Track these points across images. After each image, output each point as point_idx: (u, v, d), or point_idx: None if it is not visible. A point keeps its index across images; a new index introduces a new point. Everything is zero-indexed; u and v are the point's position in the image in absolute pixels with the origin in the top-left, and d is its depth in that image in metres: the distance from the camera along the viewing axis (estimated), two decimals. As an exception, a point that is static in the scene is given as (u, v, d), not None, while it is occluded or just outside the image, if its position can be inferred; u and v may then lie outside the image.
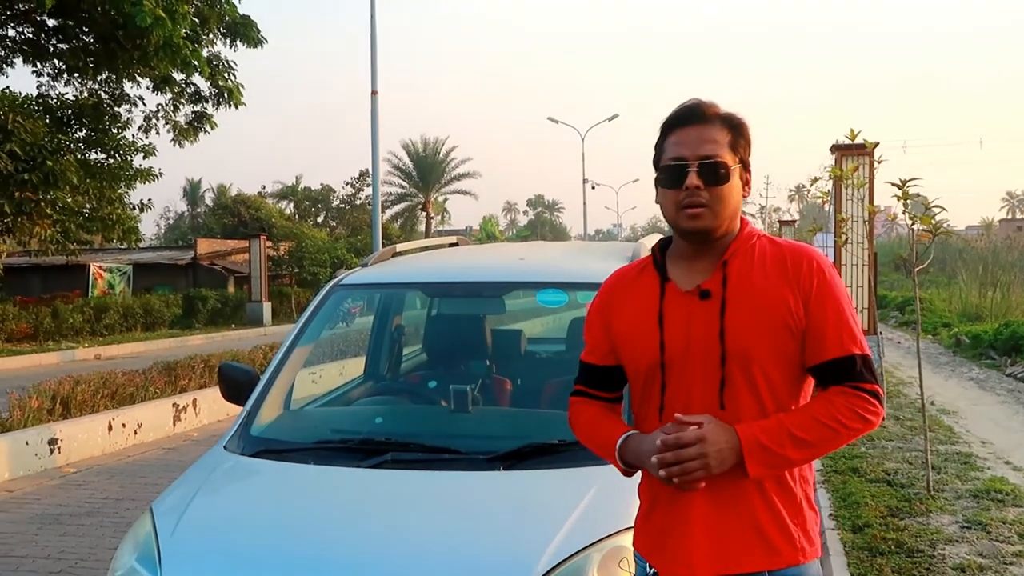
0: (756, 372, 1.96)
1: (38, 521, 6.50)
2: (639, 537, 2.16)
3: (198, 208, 78.17)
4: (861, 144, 8.44)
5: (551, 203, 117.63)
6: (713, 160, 1.98)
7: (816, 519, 2.08)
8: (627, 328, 2.10)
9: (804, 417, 1.93)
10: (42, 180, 16.39)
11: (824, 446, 1.95)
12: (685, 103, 2.06)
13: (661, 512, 2.06)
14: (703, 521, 1.97)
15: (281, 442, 3.51)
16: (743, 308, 1.97)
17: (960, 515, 5.58)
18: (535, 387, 4.30)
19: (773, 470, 1.94)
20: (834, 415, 1.92)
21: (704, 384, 1.98)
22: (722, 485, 1.94)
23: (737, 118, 2.06)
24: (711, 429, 1.89)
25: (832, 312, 1.97)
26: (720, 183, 1.98)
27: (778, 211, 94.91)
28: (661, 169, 2.04)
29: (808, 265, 1.99)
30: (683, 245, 2.09)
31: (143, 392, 10.29)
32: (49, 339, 22.26)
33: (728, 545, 1.96)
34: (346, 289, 4.26)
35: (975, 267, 23.95)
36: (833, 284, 2.00)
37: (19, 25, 18.35)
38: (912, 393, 10.54)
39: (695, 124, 2.01)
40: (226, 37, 18.41)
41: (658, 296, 2.06)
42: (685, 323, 2.01)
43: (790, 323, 1.96)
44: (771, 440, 1.90)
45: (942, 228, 6.44)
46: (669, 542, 2.03)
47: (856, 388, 1.95)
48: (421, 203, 55.60)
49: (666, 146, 2.04)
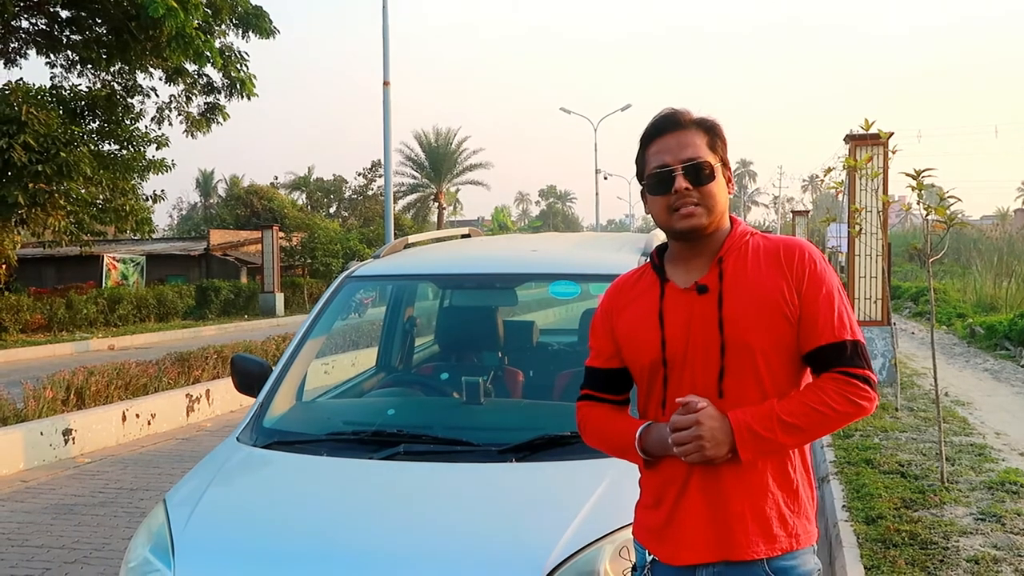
0: (758, 360, 2.02)
1: (53, 511, 6.54)
2: (639, 526, 2.21)
3: (211, 199, 78.39)
4: (875, 134, 8.37)
5: (563, 193, 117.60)
6: (696, 161, 2.06)
7: (812, 506, 2.13)
8: (630, 329, 2.16)
9: (794, 403, 1.99)
10: (56, 171, 16.47)
11: (815, 431, 2.00)
12: (659, 114, 2.15)
13: (662, 501, 2.10)
14: (702, 509, 2.03)
15: (294, 434, 3.51)
16: (740, 299, 2.04)
17: (974, 507, 5.55)
18: (547, 379, 4.30)
19: (765, 455, 2.00)
20: (824, 400, 1.98)
21: (704, 375, 2.04)
22: (722, 474, 2.01)
23: (710, 120, 2.15)
24: (707, 412, 1.96)
25: (824, 300, 2.04)
26: (706, 182, 2.06)
27: (791, 201, 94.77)
28: (648, 178, 2.12)
29: (800, 255, 2.07)
30: (678, 247, 2.15)
31: (156, 383, 10.36)
32: (63, 330, 22.39)
33: (728, 532, 2.02)
34: (358, 280, 4.26)
35: (990, 257, 23.84)
36: (825, 273, 2.07)
37: (33, 17, 18.42)
38: (926, 384, 10.50)
39: (673, 132, 2.10)
40: (238, 28, 18.44)
41: (658, 296, 2.13)
42: (685, 319, 2.07)
43: (786, 312, 2.02)
44: (761, 425, 1.96)
45: (957, 218, 6.39)
46: (669, 530, 2.08)
47: (847, 374, 2.00)
48: (433, 194, 55.63)
49: (648, 157, 2.13)
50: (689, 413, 1.96)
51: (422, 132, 55.65)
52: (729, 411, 1.98)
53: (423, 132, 55.64)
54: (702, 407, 1.96)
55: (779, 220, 76.26)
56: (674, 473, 2.06)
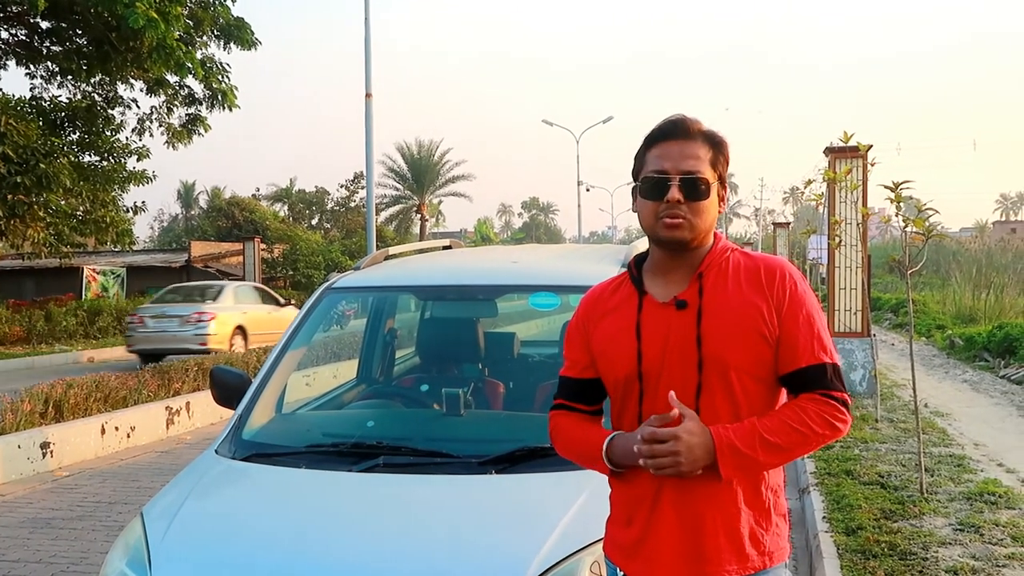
0: (733, 378, 2.01)
1: (30, 525, 6.47)
2: (610, 542, 2.20)
3: (192, 211, 78.13)
4: (855, 146, 8.45)
5: (546, 205, 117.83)
6: (695, 176, 2.03)
7: (785, 524, 2.13)
8: (605, 341, 2.14)
9: (776, 422, 1.97)
10: (35, 183, 16.33)
11: (794, 451, 1.99)
12: (670, 117, 2.10)
13: (633, 518, 2.09)
14: (676, 527, 2.02)
15: (273, 446, 3.49)
16: (719, 316, 2.02)
17: (953, 517, 5.58)
18: (528, 390, 4.29)
19: (744, 472, 1.98)
20: (805, 421, 1.97)
21: (681, 391, 2.00)
22: (695, 491, 1.99)
23: (719, 136, 2.11)
24: (687, 427, 1.92)
25: (804, 321, 2.03)
26: (700, 198, 2.03)
27: (772, 213, 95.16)
28: (643, 180, 2.08)
29: (781, 276, 2.05)
30: (659, 258, 2.13)
31: (136, 395, 10.26)
32: (42, 342, 22.20)
33: (701, 551, 2.00)
34: (339, 292, 4.25)
35: (969, 269, 23.99)
36: (805, 295, 2.06)
37: (12, 27, 18.29)
38: (905, 395, 10.56)
39: (678, 139, 2.06)
40: (220, 39, 18.35)
41: (635, 309, 2.10)
42: (662, 333, 2.05)
43: (764, 331, 2.01)
44: (743, 443, 1.94)
45: (935, 230, 6.44)
46: (642, 548, 2.06)
47: (827, 396, 2.00)
48: (416, 205, 55.54)
49: (648, 158, 2.09)
50: (667, 425, 1.93)
51: (405, 144, 55.61)
52: (711, 426, 1.95)
53: (406, 144, 55.59)
54: (683, 421, 1.93)
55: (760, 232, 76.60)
56: (645, 489, 2.04)
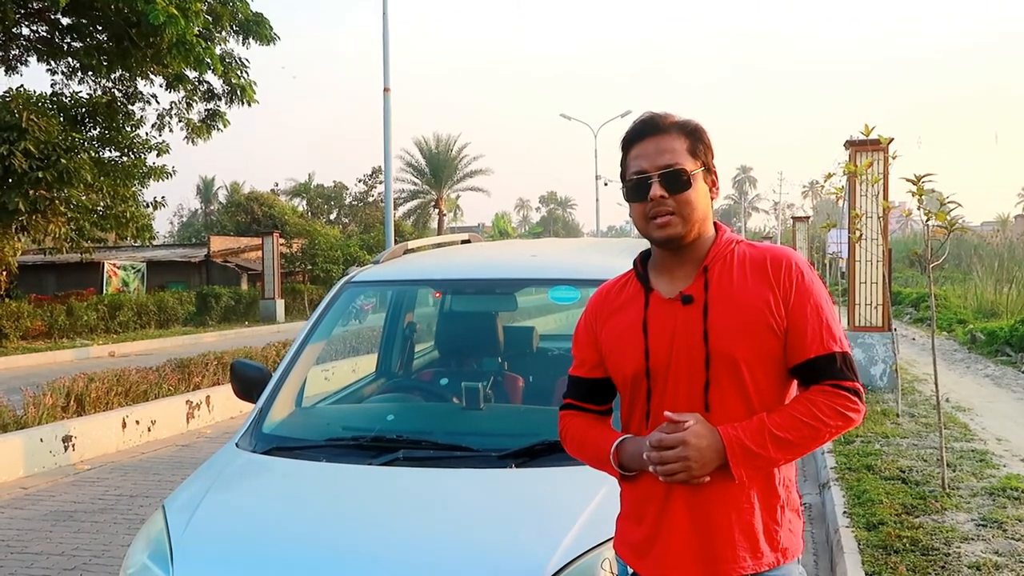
0: (742, 373, 1.98)
1: (52, 518, 6.53)
2: (620, 540, 2.18)
3: (211, 206, 78.38)
4: (876, 139, 8.40)
5: (564, 200, 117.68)
6: (673, 168, 2.01)
7: (799, 520, 2.11)
8: (613, 339, 2.13)
9: (785, 417, 1.95)
10: (56, 178, 16.49)
11: (806, 445, 1.96)
12: (640, 117, 2.10)
13: (644, 516, 2.07)
14: (688, 525, 1.99)
15: (293, 439, 3.51)
16: (725, 310, 2.00)
17: (976, 513, 5.54)
18: (547, 384, 4.29)
19: (757, 470, 1.96)
20: (815, 414, 1.94)
21: (689, 387, 1.99)
22: (707, 489, 1.96)
23: (692, 124, 2.09)
24: (694, 431, 1.90)
25: (812, 312, 2.00)
26: (683, 189, 2.01)
27: (792, 207, 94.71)
28: (626, 184, 2.08)
29: (787, 266, 2.03)
30: (661, 255, 2.12)
31: (157, 389, 10.34)
32: (64, 337, 22.36)
33: (714, 548, 1.98)
34: (358, 286, 4.25)
35: (991, 263, 23.81)
36: (812, 285, 2.03)
37: (34, 24, 18.45)
38: (927, 390, 10.48)
39: (652, 136, 2.05)
40: (239, 34, 18.46)
41: (642, 306, 2.09)
42: (669, 329, 2.03)
43: (772, 323, 1.99)
44: (753, 441, 1.92)
45: (957, 224, 6.38)
46: (653, 546, 2.05)
47: (837, 386, 1.97)
48: (434, 200, 55.60)
49: (628, 162, 2.08)
50: (676, 431, 1.91)
51: (422, 138, 55.60)
52: (719, 426, 1.93)
53: (423, 138, 55.63)
54: (689, 425, 1.91)
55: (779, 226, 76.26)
56: (655, 486, 2.02)
